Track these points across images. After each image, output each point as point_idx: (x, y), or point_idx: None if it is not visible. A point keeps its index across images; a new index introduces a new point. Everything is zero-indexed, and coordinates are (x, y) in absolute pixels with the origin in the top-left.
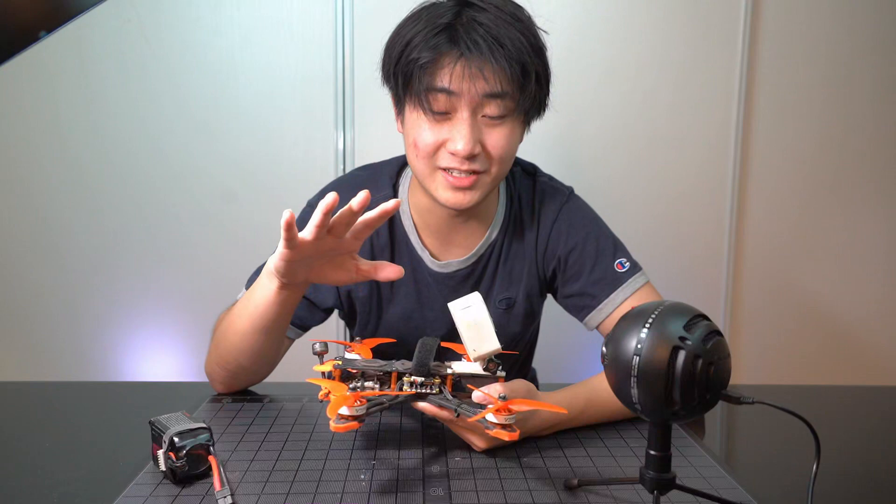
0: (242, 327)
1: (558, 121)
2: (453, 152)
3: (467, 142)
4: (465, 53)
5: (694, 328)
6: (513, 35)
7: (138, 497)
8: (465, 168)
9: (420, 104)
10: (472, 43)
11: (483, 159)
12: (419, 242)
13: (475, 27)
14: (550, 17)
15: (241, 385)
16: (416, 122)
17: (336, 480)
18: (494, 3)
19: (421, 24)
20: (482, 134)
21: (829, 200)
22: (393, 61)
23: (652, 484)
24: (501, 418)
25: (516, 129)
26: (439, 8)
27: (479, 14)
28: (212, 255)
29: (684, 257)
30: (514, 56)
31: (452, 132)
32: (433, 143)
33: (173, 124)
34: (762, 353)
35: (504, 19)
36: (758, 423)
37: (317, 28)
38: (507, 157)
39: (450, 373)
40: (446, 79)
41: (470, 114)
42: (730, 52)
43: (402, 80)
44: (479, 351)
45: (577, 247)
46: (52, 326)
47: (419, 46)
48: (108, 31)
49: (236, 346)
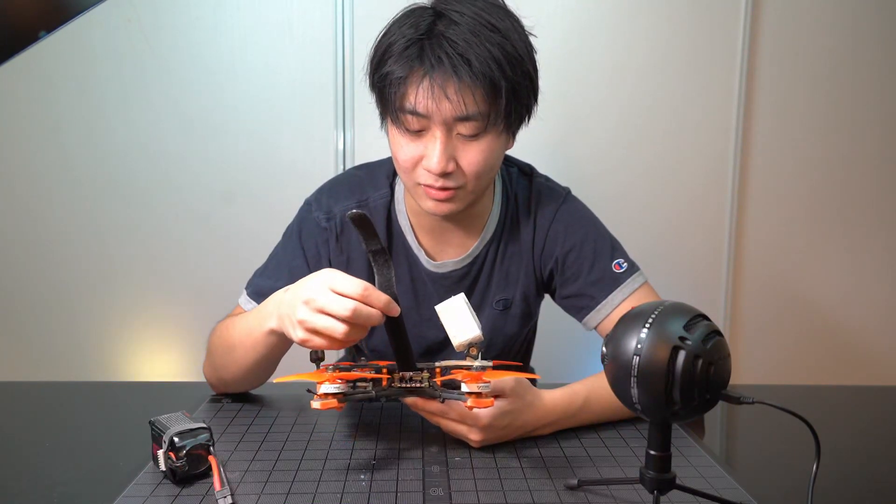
0: (235, 357)
1: (558, 123)
2: (427, 169)
3: (439, 161)
4: (428, 71)
5: (694, 328)
6: (482, 50)
7: (138, 497)
8: (440, 185)
9: (395, 121)
10: (436, 60)
11: (459, 175)
12: (415, 242)
13: (441, 42)
14: (550, 21)
15: (238, 391)
16: (395, 137)
17: (336, 480)
18: (470, 14)
19: (401, 31)
20: (457, 151)
21: (828, 200)
22: (373, 70)
23: (652, 484)
24: (475, 386)
25: (494, 142)
26: (421, 15)
27: (449, 28)
28: (211, 255)
29: (684, 257)
30: (480, 72)
31: (427, 149)
32: (411, 159)
33: (173, 124)
34: (762, 353)
35: (476, 31)
36: (758, 423)
37: (317, 29)
38: (485, 171)
39: (437, 365)
40: (413, 98)
41: (443, 132)
42: (729, 55)
43: (379, 94)
44: (459, 338)
45: (575, 248)
46: (52, 326)
47: (394, 58)
48: (108, 31)
49: (230, 370)
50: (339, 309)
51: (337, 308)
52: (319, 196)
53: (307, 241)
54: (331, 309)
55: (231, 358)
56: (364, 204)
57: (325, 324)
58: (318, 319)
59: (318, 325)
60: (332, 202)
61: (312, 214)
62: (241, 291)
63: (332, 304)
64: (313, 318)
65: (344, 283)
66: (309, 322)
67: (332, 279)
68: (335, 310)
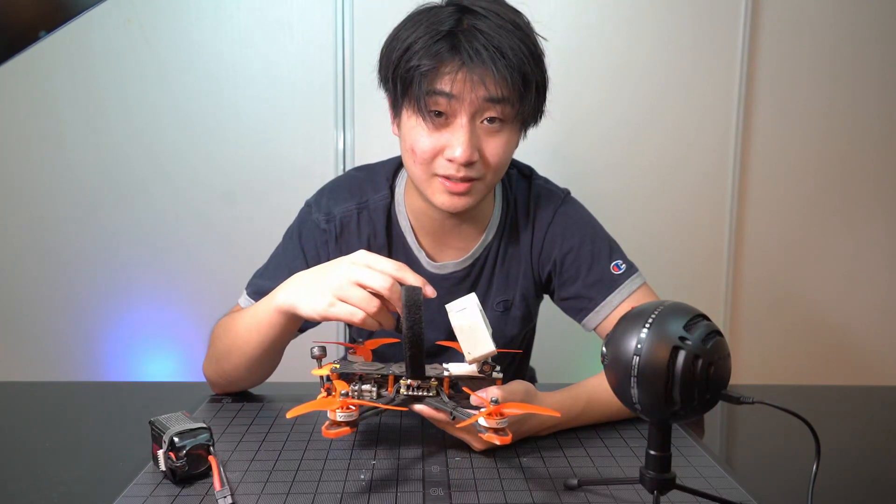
0: (241, 344)
1: (559, 125)
2: (451, 159)
3: (465, 148)
4: (466, 62)
5: (694, 328)
6: (513, 43)
7: (138, 497)
8: (462, 175)
9: (419, 109)
10: (473, 52)
11: (480, 166)
12: (416, 243)
13: (476, 35)
14: (550, 21)
15: (239, 390)
16: (414, 127)
17: (336, 480)
18: (494, 10)
19: (421, 29)
20: (480, 142)
21: (827, 201)
22: (391, 66)
23: (652, 484)
24: (493, 422)
25: (513, 136)
26: (439, 13)
27: (480, 21)
28: (212, 255)
29: (685, 257)
30: (515, 65)
31: (451, 139)
32: (431, 150)
33: (173, 124)
34: (762, 353)
35: (504, 27)
36: (758, 423)
37: (317, 28)
38: (503, 164)
39: (446, 375)
40: (447, 85)
41: (469, 120)
42: (729, 55)
43: (401, 85)
44: (473, 353)
45: (573, 249)
46: (53, 326)
47: (419, 53)
48: (108, 31)
49: (233, 360)
50: (378, 282)
51: (376, 282)
52: (319, 197)
53: (307, 242)
54: (370, 282)
55: (235, 347)
56: (364, 205)
57: (359, 295)
58: (355, 293)
59: (353, 298)
60: (332, 204)
61: (312, 216)
62: (241, 291)
63: (372, 279)
64: (349, 290)
65: (381, 261)
66: (344, 293)
67: (369, 256)
68: (374, 283)
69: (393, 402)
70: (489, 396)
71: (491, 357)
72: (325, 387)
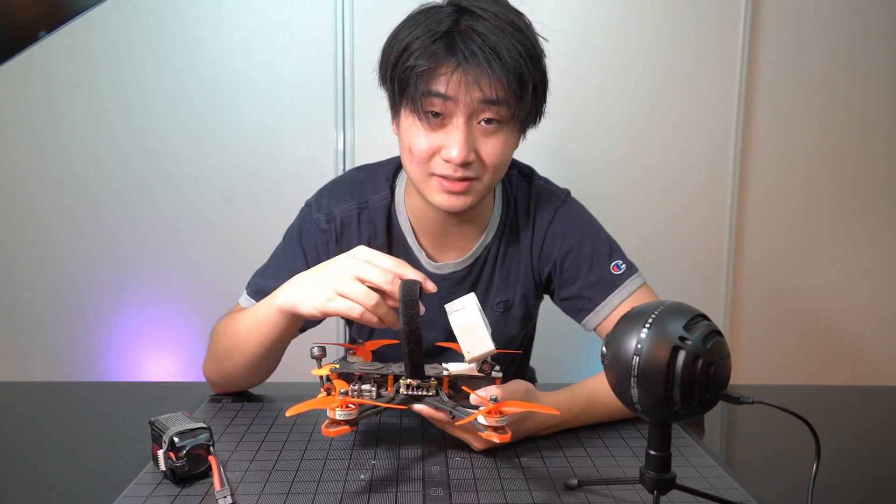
0: (241, 344)
1: (559, 125)
2: (447, 159)
3: (461, 149)
4: (462, 64)
5: (694, 328)
6: (510, 45)
7: (138, 497)
8: (459, 175)
9: (416, 109)
10: (469, 53)
11: (477, 167)
12: (416, 243)
13: (473, 36)
14: (550, 21)
15: (239, 389)
16: (412, 127)
17: (336, 480)
18: (493, 11)
19: (419, 29)
20: (477, 142)
21: (827, 202)
22: (390, 66)
23: (652, 484)
24: (493, 420)
25: (511, 137)
26: (438, 13)
27: (478, 22)
28: (212, 255)
29: (685, 258)
30: (511, 66)
31: (447, 140)
32: (427, 150)
33: (173, 124)
34: (762, 353)
35: (502, 28)
36: (758, 423)
37: (317, 28)
38: (501, 165)
39: (445, 374)
40: (443, 86)
41: (465, 120)
42: (730, 56)
43: (399, 85)
44: (473, 353)
45: (573, 250)
46: (53, 326)
47: (416, 53)
48: (108, 30)
49: (233, 360)
50: (377, 277)
51: (375, 277)
52: (320, 198)
53: (307, 242)
54: (369, 277)
55: (235, 347)
56: (364, 206)
57: (359, 290)
58: (354, 287)
59: (352, 293)
60: (332, 204)
61: (312, 216)
62: (241, 291)
63: (371, 273)
64: (348, 284)
65: (381, 257)
66: (343, 288)
67: (369, 252)
68: (374, 278)
69: (392, 402)
70: (488, 395)
71: (490, 356)
72: (324, 387)
